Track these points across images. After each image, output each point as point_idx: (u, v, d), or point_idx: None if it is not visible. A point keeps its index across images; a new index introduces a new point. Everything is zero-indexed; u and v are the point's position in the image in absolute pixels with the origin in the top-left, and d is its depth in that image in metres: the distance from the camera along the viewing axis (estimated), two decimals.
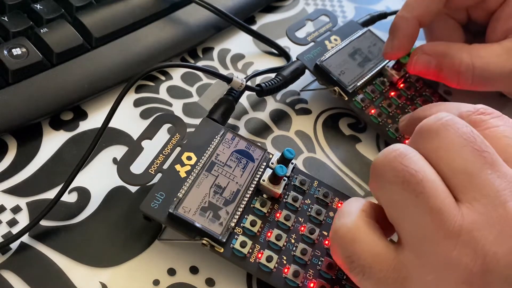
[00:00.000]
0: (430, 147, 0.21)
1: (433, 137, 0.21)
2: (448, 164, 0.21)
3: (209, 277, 0.26)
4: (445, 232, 0.19)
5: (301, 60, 0.34)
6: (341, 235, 0.22)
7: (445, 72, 0.32)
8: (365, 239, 0.21)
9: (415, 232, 0.20)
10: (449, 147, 0.21)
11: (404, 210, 0.20)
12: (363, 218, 0.22)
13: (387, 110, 0.34)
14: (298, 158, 0.32)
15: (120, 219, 0.27)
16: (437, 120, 0.21)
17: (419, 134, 0.22)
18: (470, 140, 0.21)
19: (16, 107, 0.29)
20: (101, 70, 0.32)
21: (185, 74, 0.35)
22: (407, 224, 0.21)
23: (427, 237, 0.20)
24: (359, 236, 0.22)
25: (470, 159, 0.20)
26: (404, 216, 0.21)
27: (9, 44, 0.30)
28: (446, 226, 0.19)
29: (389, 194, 0.21)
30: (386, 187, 0.21)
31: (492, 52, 0.31)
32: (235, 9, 0.38)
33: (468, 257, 0.19)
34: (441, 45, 0.33)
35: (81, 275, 0.25)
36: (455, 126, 0.21)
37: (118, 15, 0.34)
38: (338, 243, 0.22)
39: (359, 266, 0.21)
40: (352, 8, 0.44)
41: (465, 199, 0.20)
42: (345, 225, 0.22)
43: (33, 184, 0.28)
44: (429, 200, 0.20)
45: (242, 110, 0.34)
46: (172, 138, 0.28)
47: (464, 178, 0.20)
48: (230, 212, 0.25)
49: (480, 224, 0.19)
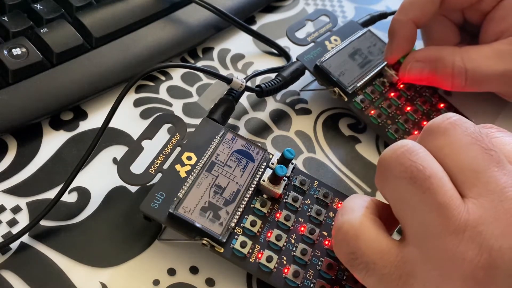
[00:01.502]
0: (438, 144, 0.21)
1: (441, 135, 0.22)
2: (455, 161, 0.21)
3: (209, 277, 0.26)
4: (450, 227, 0.19)
5: (301, 60, 0.34)
6: (345, 231, 0.22)
7: (438, 76, 0.33)
8: (369, 235, 0.21)
9: (421, 228, 0.20)
10: (457, 145, 0.21)
11: (410, 206, 0.21)
12: (367, 214, 0.22)
13: (386, 111, 0.34)
14: (298, 158, 0.32)
15: (120, 219, 0.27)
16: (446, 119, 0.22)
17: (427, 132, 0.22)
18: (478, 139, 0.21)
19: (16, 107, 0.29)
20: (101, 70, 0.32)
21: (185, 74, 0.36)
22: (413, 220, 0.21)
23: (432, 233, 0.20)
24: (363, 232, 0.22)
25: (477, 156, 0.20)
26: (410, 211, 0.21)
27: (9, 44, 0.30)
28: (451, 221, 0.19)
29: (395, 190, 0.21)
30: (393, 182, 0.21)
31: (483, 54, 0.32)
32: (235, 9, 0.38)
33: (474, 252, 0.19)
34: (432, 50, 0.33)
35: (81, 275, 0.25)
36: (463, 125, 0.21)
37: (118, 15, 0.34)
38: (342, 239, 0.22)
39: (362, 262, 0.21)
40: (352, 8, 0.44)
41: (471, 195, 0.20)
42: (348, 221, 0.22)
43: (33, 184, 0.28)
44: (436, 196, 0.20)
45: (242, 110, 0.34)
46: (172, 138, 0.28)
47: (471, 175, 0.20)
48: (230, 212, 0.25)
49: (485, 219, 0.19)
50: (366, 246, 0.21)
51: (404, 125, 0.33)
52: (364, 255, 0.21)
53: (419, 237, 0.20)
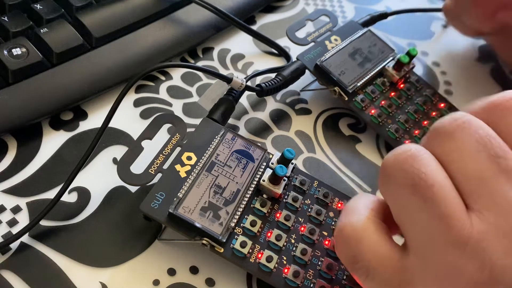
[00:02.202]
0: (444, 149, 0.20)
1: (448, 138, 0.20)
2: (461, 168, 0.20)
3: (209, 277, 0.26)
4: (452, 239, 0.19)
5: (301, 60, 0.34)
6: (347, 234, 0.22)
7: None
8: (371, 240, 0.21)
9: (421, 238, 0.20)
10: (463, 151, 0.20)
11: (412, 214, 0.20)
12: (371, 217, 0.22)
13: (387, 111, 0.34)
14: (298, 158, 0.32)
15: (120, 219, 0.27)
16: (453, 121, 0.20)
17: (433, 135, 0.21)
18: (486, 145, 0.19)
19: (16, 107, 0.29)
20: (101, 70, 0.32)
21: (185, 74, 0.35)
22: (414, 229, 0.20)
23: (433, 244, 0.19)
24: (365, 236, 0.21)
25: (484, 165, 0.19)
26: (411, 220, 0.20)
27: (9, 44, 0.30)
28: (453, 233, 0.19)
29: (397, 197, 0.21)
30: (394, 189, 0.21)
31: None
32: (235, 9, 0.38)
33: (474, 268, 0.18)
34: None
35: (81, 275, 0.25)
36: (472, 128, 0.20)
37: (118, 15, 0.34)
38: (343, 242, 0.22)
39: (363, 266, 0.21)
40: (352, 8, 0.44)
41: (476, 207, 0.19)
42: (351, 224, 0.22)
43: (33, 184, 0.28)
44: (439, 206, 0.19)
45: (242, 110, 0.34)
46: (172, 138, 0.28)
47: (476, 185, 0.19)
48: (230, 212, 0.25)
49: (489, 234, 0.18)
50: (367, 250, 0.21)
51: (405, 125, 0.33)
52: (365, 260, 0.21)
53: (419, 247, 0.20)
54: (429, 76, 0.39)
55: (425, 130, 0.34)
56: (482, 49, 0.43)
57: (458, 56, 0.42)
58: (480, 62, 0.41)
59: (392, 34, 0.42)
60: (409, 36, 0.43)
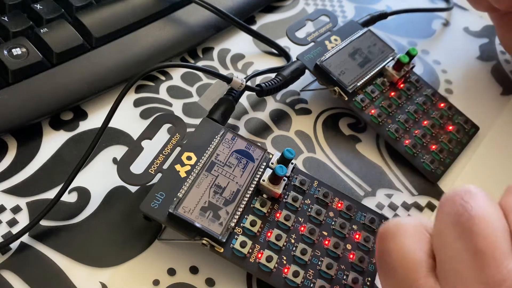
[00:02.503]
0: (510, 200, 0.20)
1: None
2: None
3: (209, 277, 0.26)
4: (482, 278, 0.18)
5: (301, 60, 0.34)
6: (388, 226, 0.22)
7: None
8: (405, 241, 0.21)
9: (451, 267, 0.19)
10: None
11: (446, 241, 0.20)
12: (417, 225, 0.22)
13: (387, 110, 0.34)
14: (298, 158, 0.32)
15: (120, 219, 0.27)
16: None
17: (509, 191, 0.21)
18: None
19: (16, 107, 0.29)
20: (101, 70, 0.32)
21: (185, 74, 0.35)
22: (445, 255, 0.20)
23: (460, 276, 0.19)
24: (402, 235, 0.21)
25: None
26: (444, 246, 0.20)
27: (9, 44, 0.30)
28: (486, 272, 0.18)
29: (439, 223, 0.21)
30: (439, 216, 0.21)
31: None
32: (235, 9, 0.38)
33: None
34: None
35: (81, 275, 0.25)
36: None
37: (118, 15, 0.34)
38: (383, 231, 0.22)
39: (388, 263, 0.21)
40: (352, 8, 0.44)
41: None
42: (398, 220, 0.22)
43: (33, 184, 0.28)
44: (476, 239, 0.19)
45: (242, 110, 0.34)
46: (172, 138, 0.28)
47: None
48: (230, 212, 0.25)
49: None
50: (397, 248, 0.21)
51: (405, 125, 0.33)
52: (391, 256, 0.21)
53: (446, 275, 0.19)
54: (430, 75, 0.39)
55: (425, 130, 0.34)
56: (483, 48, 0.43)
57: (459, 54, 0.42)
58: (481, 60, 0.41)
59: (392, 32, 0.42)
60: (409, 35, 0.42)
